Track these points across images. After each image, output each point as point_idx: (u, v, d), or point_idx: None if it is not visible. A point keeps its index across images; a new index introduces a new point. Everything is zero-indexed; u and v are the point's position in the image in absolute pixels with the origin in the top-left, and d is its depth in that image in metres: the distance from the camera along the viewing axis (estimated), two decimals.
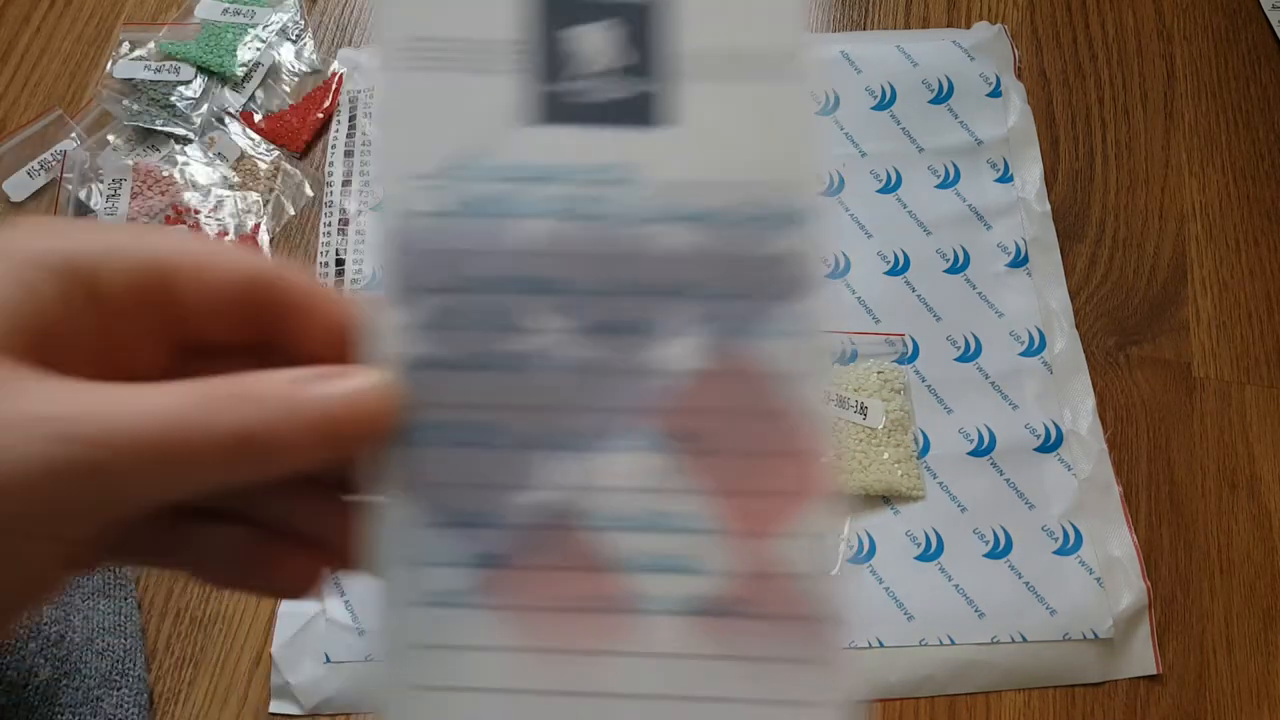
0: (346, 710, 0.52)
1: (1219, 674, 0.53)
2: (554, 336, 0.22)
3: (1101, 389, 0.60)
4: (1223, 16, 0.71)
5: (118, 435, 0.18)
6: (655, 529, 0.22)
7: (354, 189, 0.66)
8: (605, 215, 0.23)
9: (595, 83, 0.23)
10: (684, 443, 0.22)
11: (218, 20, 0.70)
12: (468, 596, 0.22)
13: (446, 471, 0.22)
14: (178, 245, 0.21)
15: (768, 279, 0.23)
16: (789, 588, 0.22)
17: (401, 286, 0.22)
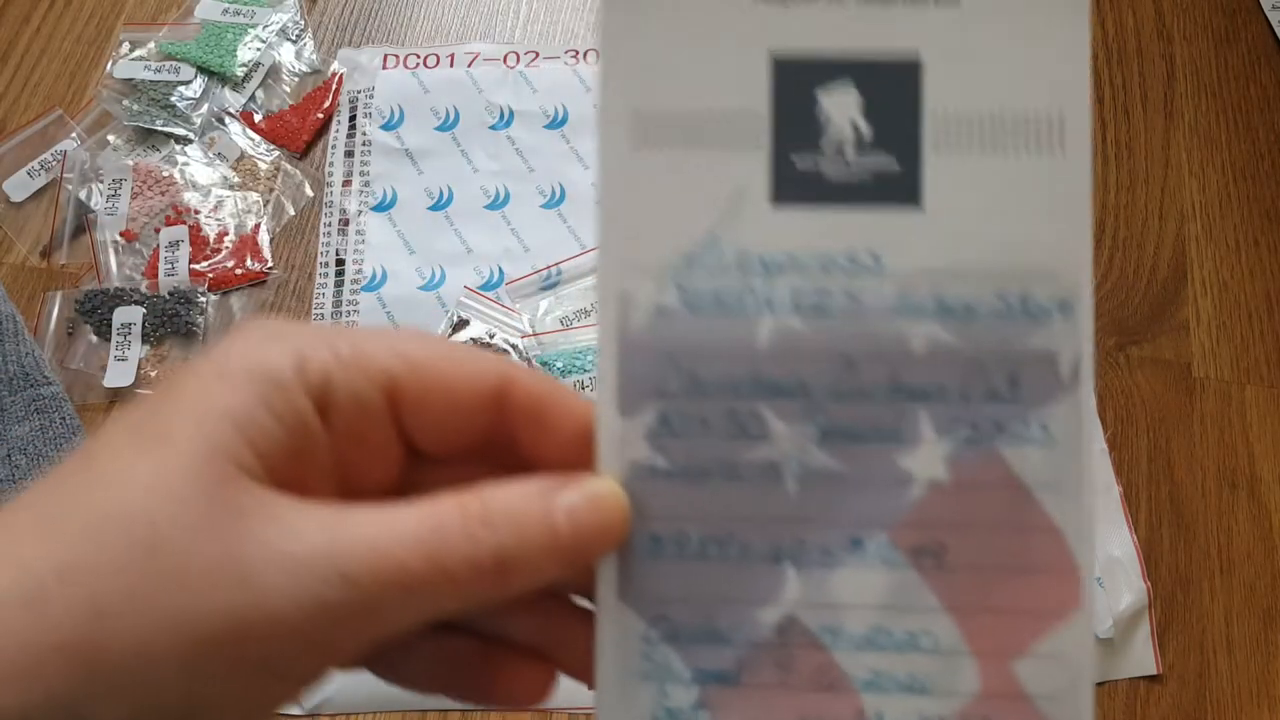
0: (346, 710, 0.52)
1: (1219, 674, 0.53)
2: (789, 444, 0.21)
3: (1101, 389, 0.60)
4: (1223, 16, 0.71)
5: (386, 570, 0.18)
6: (892, 648, 0.21)
7: (354, 189, 0.66)
8: (847, 310, 0.21)
9: (836, 158, 0.21)
10: (927, 557, 0.21)
11: (218, 20, 0.70)
12: (693, 713, 0.21)
13: (673, 585, 0.21)
14: (409, 355, 0.20)
15: (1025, 379, 0.21)
16: (1033, 710, 0.21)
17: (628, 390, 0.21)
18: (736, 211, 0.21)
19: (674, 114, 0.21)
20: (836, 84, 0.21)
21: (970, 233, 0.21)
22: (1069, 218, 0.21)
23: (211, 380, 0.18)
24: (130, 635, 0.17)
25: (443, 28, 0.72)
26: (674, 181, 0.21)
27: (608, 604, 0.21)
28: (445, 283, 0.62)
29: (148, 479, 0.17)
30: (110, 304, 0.61)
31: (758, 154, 0.21)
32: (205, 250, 0.63)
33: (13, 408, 0.56)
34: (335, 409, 0.19)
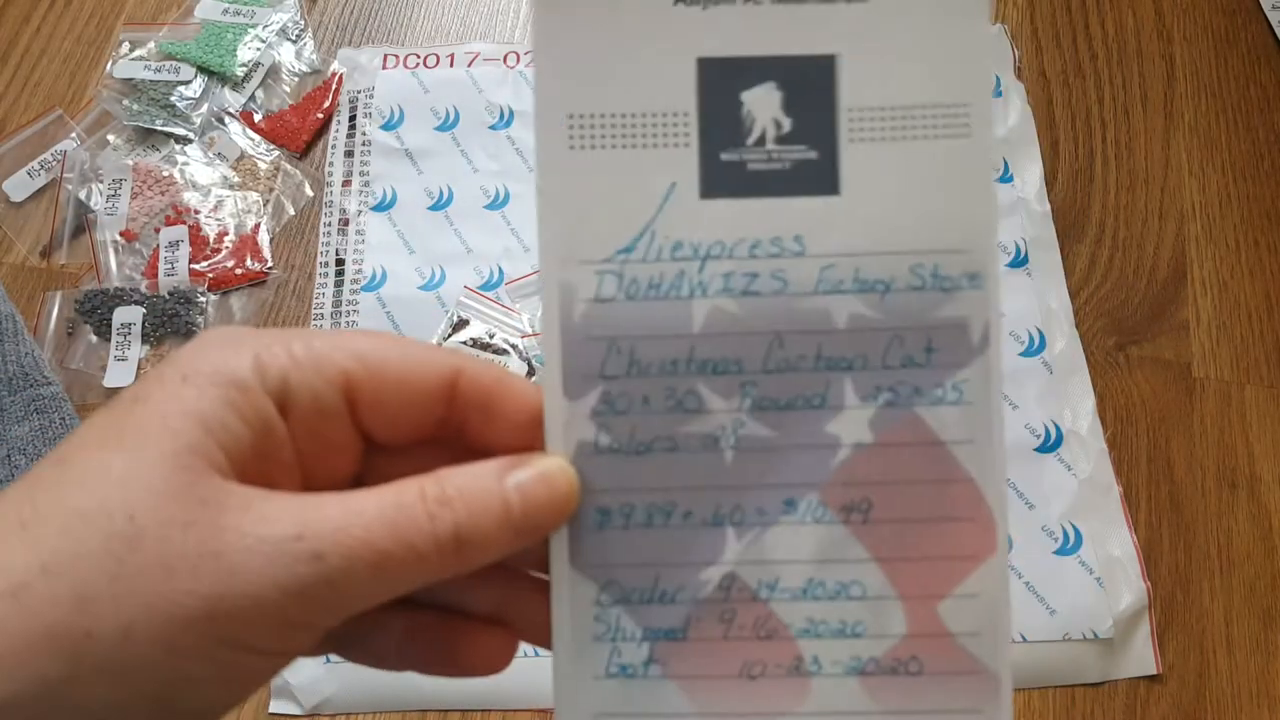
0: (346, 710, 0.52)
1: (1219, 674, 0.53)
2: (724, 416, 0.23)
3: (1101, 389, 0.60)
4: (1223, 16, 0.71)
5: (355, 548, 0.19)
6: (825, 597, 0.23)
7: (354, 189, 0.66)
8: (774, 290, 0.22)
9: (759, 152, 0.22)
10: (855, 513, 0.23)
11: (218, 20, 0.70)
12: (646, 668, 0.23)
13: (621, 552, 0.23)
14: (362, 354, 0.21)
15: (939, 346, 0.23)
16: (956, 646, 0.23)
17: (572, 374, 0.22)
18: (668, 205, 0.22)
19: (606, 115, 0.22)
20: (758, 83, 0.22)
21: (885, 215, 0.22)
22: (975, 197, 0.22)
23: (177, 385, 0.19)
24: (114, 621, 0.18)
25: (443, 28, 0.72)
26: (609, 179, 0.22)
27: (561, 572, 0.23)
28: (445, 282, 0.62)
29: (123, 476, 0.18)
30: (110, 304, 0.61)
31: (687, 151, 0.22)
32: (205, 250, 0.63)
33: (12, 408, 0.56)
34: (295, 408, 0.20)
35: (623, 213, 0.22)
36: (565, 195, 0.23)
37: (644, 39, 0.22)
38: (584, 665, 0.23)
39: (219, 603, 0.18)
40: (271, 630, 0.19)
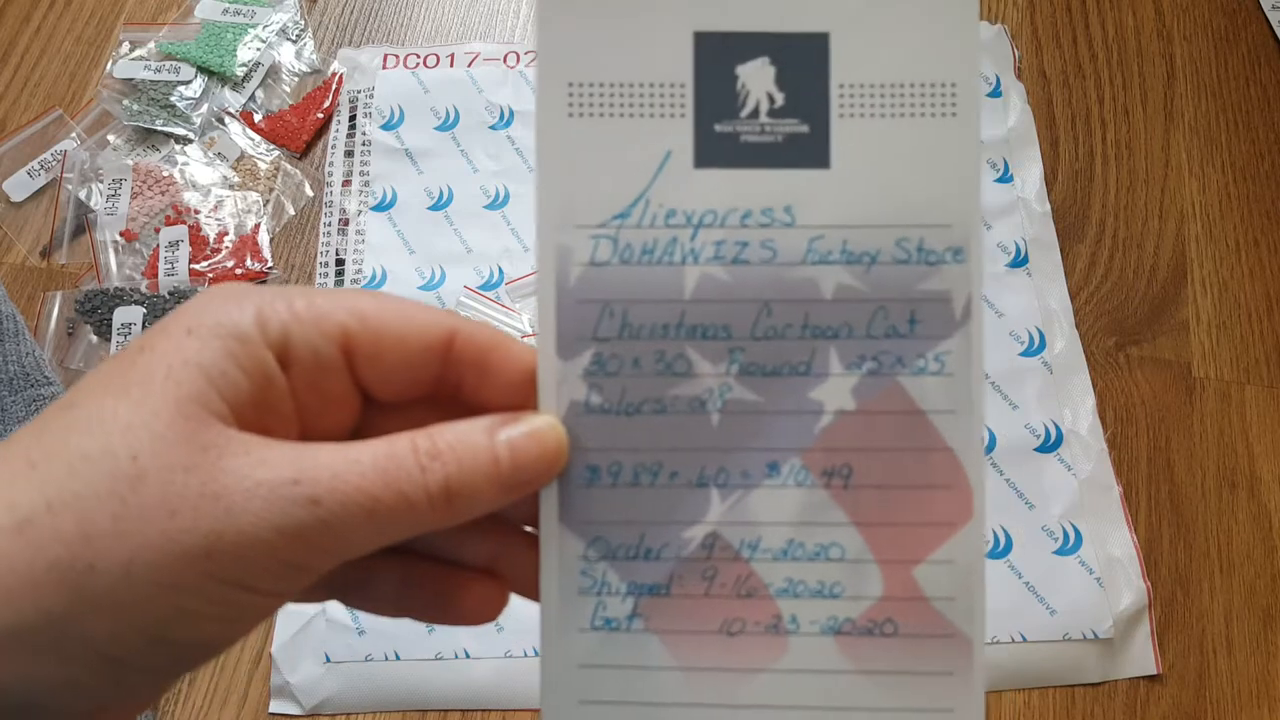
0: (346, 710, 0.52)
1: (1219, 674, 0.53)
2: (712, 379, 0.23)
3: (1101, 389, 0.60)
4: (1223, 16, 0.71)
5: (349, 494, 0.20)
6: (804, 558, 0.23)
7: (354, 189, 0.66)
8: (764, 259, 0.23)
9: (752, 124, 0.23)
10: (836, 478, 0.23)
11: (218, 20, 0.70)
12: (629, 622, 0.24)
13: (608, 509, 0.23)
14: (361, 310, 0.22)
15: (922, 318, 0.23)
16: (931, 610, 0.23)
17: (566, 335, 0.23)
18: (663, 174, 0.23)
19: (604, 85, 0.23)
20: (753, 57, 0.23)
21: (873, 189, 0.23)
22: (960, 174, 0.23)
23: (181, 336, 0.20)
24: (116, 556, 0.18)
25: (443, 28, 0.72)
26: (606, 146, 0.23)
27: (550, 528, 0.23)
28: (445, 282, 0.62)
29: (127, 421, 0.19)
30: (110, 304, 0.61)
31: (682, 122, 0.23)
32: (205, 250, 0.63)
33: (13, 408, 0.56)
34: (295, 361, 0.21)
35: (619, 179, 0.23)
36: (563, 161, 0.23)
37: (643, 11, 0.23)
38: (570, 617, 0.24)
39: (217, 541, 0.19)
40: (268, 570, 0.19)
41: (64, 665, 0.19)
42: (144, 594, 0.19)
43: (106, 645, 0.19)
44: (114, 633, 0.19)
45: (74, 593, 0.18)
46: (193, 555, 0.19)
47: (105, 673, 0.19)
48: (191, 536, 0.19)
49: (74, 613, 0.18)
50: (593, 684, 0.24)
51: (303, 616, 0.54)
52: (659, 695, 0.24)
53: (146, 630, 0.19)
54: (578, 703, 0.24)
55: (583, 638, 0.24)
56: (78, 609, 0.18)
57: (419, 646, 0.53)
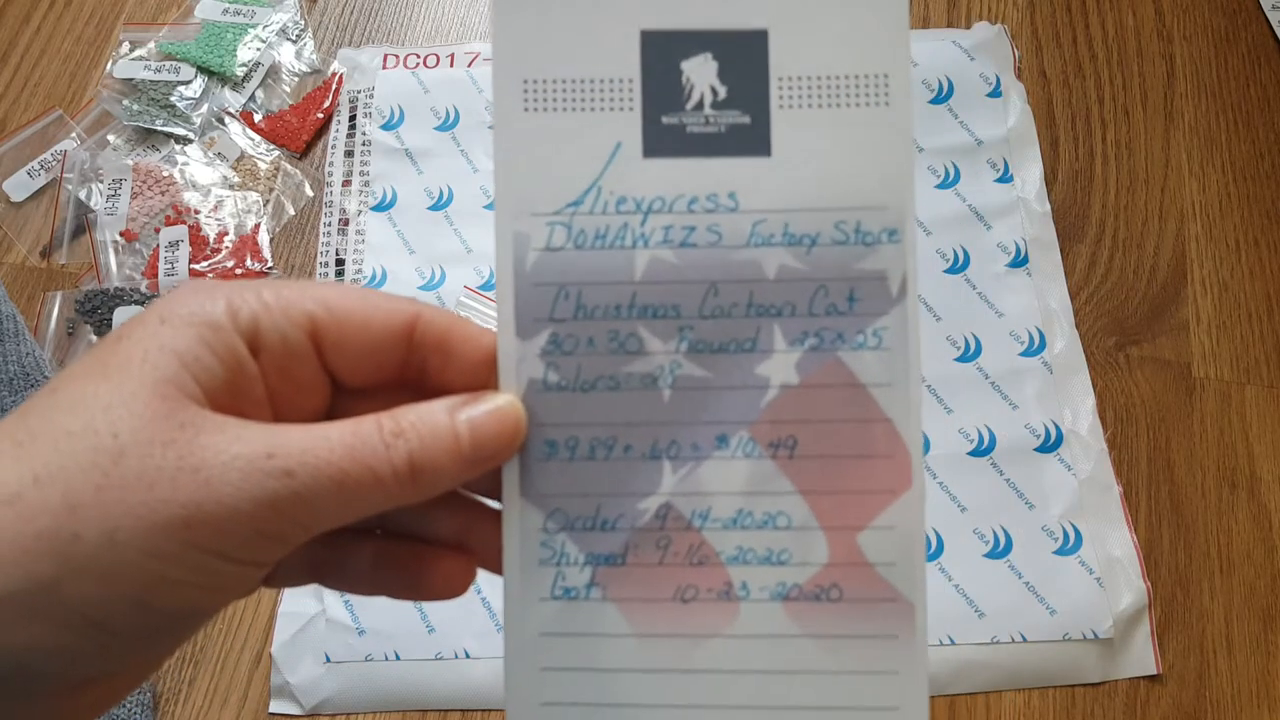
0: (346, 710, 0.52)
1: (1219, 674, 0.53)
2: (663, 357, 0.24)
3: (1101, 389, 0.60)
4: (1223, 16, 0.71)
5: (320, 467, 0.21)
6: (753, 527, 0.24)
7: (354, 189, 0.66)
8: (710, 242, 0.24)
9: (697, 115, 0.24)
10: (781, 449, 0.24)
11: (218, 20, 0.70)
12: (586, 591, 0.25)
13: (566, 482, 0.24)
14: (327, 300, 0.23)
15: (861, 296, 0.24)
16: (875, 575, 0.24)
17: (524, 317, 0.24)
18: (614, 163, 0.24)
19: (557, 81, 0.24)
20: (696, 53, 0.24)
21: (812, 175, 0.24)
22: (895, 159, 0.24)
23: (155, 325, 0.21)
24: (100, 525, 0.19)
25: (443, 28, 0.72)
26: (559, 139, 0.24)
27: (511, 501, 0.24)
28: (445, 282, 0.62)
29: (107, 402, 0.20)
30: (110, 304, 0.61)
31: (631, 115, 0.24)
32: (205, 250, 0.63)
33: (13, 408, 0.56)
34: (264, 347, 0.22)
35: (572, 169, 0.24)
36: (520, 153, 0.24)
37: (593, 11, 0.24)
38: (531, 588, 0.24)
39: (196, 511, 0.20)
40: (244, 539, 0.20)
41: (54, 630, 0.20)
42: (127, 560, 0.19)
43: (93, 610, 0.20)
44: (100, 597, 0.20)
45: (61, 560, 0.19)
46: (172, 525, 0.20)
47: (92, 638, 0.20)
48: (170, 507, 0.20)
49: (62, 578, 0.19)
50: (553, 652, 0.25)
51: (303, 616, 0.54)
52: (616, 662, 0.24)
53: (130, 596, 0.20)
54: (539, 670, 0.24)
55: (543, 607, 0.25)
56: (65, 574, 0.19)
57: (419, 646, 0.53)
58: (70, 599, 0.19)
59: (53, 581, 0.19)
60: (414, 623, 0.53)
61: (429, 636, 0.53)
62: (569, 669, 0.25)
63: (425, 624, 0.53)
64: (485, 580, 0.27)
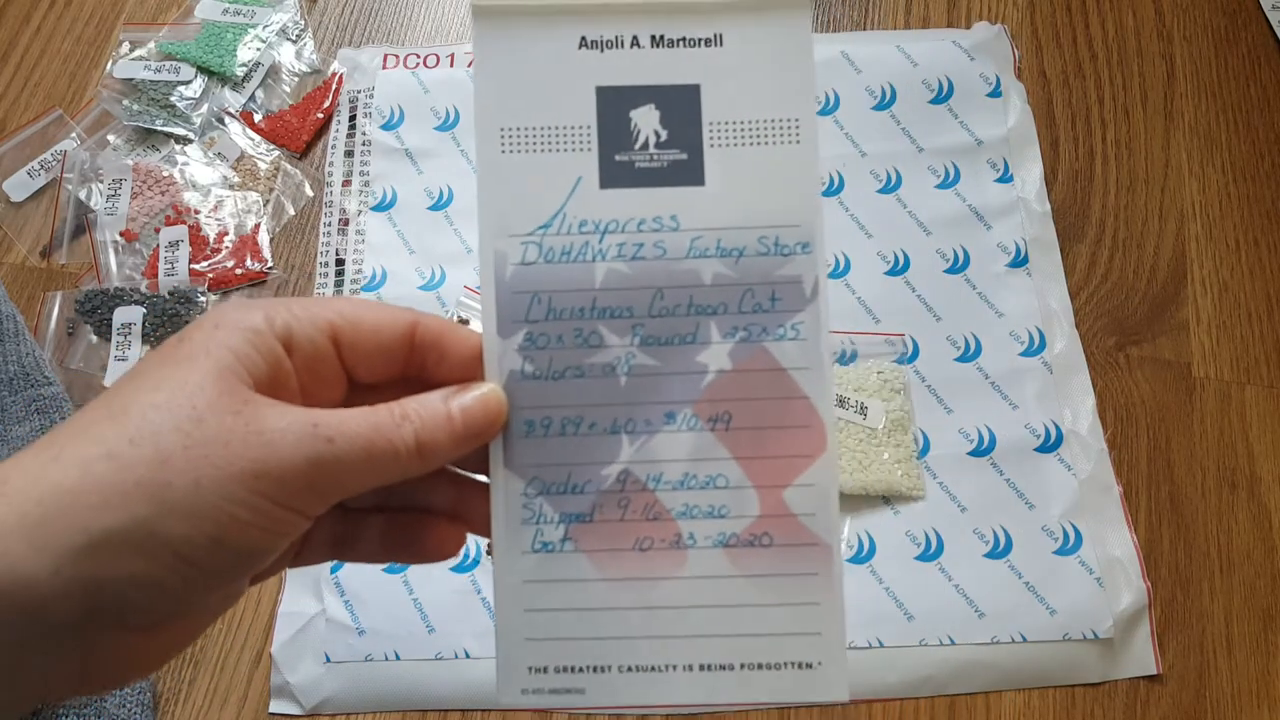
0: (346, 710, 0.52)
1: (1219, 674, 0.53)
2: (619, 350, 0.29)
3: (1101, 389, 0.60)
4: (1223, 16, 0.71)
5: (354, 439, 0.26)
6: (697, 487, 0.30)
7: (354, 189, 0.66)
8: (656, 256, 0.29)
9: (643, 154, 0.29)
10: (719, 423, 0.29)
11: (218, 20, 0.70)
12: (561, 545, 0.29)
13: (541, 454, 0.29)
14: (343, 311, 0.28)
15: (781, 296, 0.29)
16: (798, 524, 0.29)
17: (504, 319, 0.29)
18: (576, 194, 0.29)
19: (529, 128, 0.29)
20: (643, 104, 0.29)
21: (738, 199, 0.29)
22: (804, 187, 0.29)
23: (211, 329, 0.26)
24: (187, 475, 0.24)
25: (443, 28, 0.72)
26: (531, 174, 0.29)
27: (497, 471, 0.29)
28: (445, 282, 0.62)
29: (182, 381, 0.25)
30: (110, 304, 0.61)
31: (589, 154, 0.29)
32: (205, 250, 0.63)
33: (13, 408, 0.56)
34: (296, 349, 0.27)
35: (541, 199, 0.29)
36: (498, 187, 0.29)
37: (557, 72, 0.29)
38: (515, 543, 0.29)
39: (262, 465, 0.24)
40: (298, 490, 0.25)
41: (149, 564, 0.24)
42: (209, 504, 0.24)
43: (181, 546, 0.24)
44: (186, 535, 0.24)
45: (157, 503, 0.23)
46: (245, 476, 0.24)
47: (179, 571, 0.24)
48: (242, 462, 0.24)
49: (156, 517, 0.23)
50: (536, 595, 0.29)
51: (303, 616, 0.54)
52: (588, 602, 0.29)
53: (210, 534, 0.24)
54: (524, 611, 0.29)
55: (526, 559, 0.29)
56: (159, 514, 0.23)
57: (419, 646, 0.53)
58: (164, 536, 0.24)
59: (150, 519, 0.23)
60: (414, 623, 0.53)
61: (429, 636, 0.53)
62: (549, 609, 0.29)
63: (425, 624, 0.53)
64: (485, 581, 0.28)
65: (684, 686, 0.29)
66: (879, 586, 0.54)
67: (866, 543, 0.56)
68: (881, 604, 0.54)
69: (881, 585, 0.55)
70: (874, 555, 0.55)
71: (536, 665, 0.29)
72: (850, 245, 0.63)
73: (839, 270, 0.62)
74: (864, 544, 0.56)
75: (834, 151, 0.65)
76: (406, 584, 0.55)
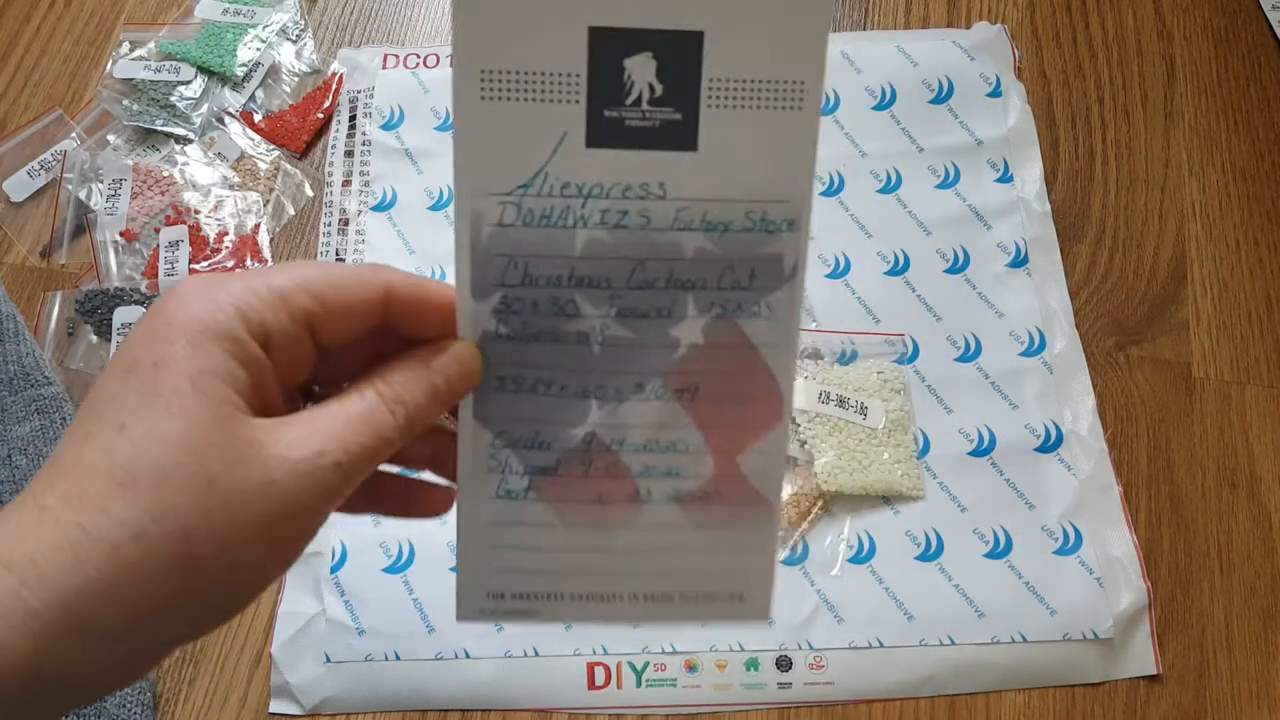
0: (346, 710, 0.52)
1: (1219, 674, 0.53)
2: (594, 319, 0.28)
3: (1101, 389, 0.60)
4: (1223, 16, 0.71)
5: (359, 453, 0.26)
6: (658, 450, 0.30)
7: (354, 189, 0.66)
8: (639, 225, 0.28)
9: (635, 110, 0.27)
10: (686, 394, 0.29)
11: (218, 20, 0.70)
12: (526, 493, 0.30)
13: (512, 410, 0.29)
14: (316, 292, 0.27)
15: (760, 274, 0.28)
16: (747, 485, 0.30)
17: (479, 281, 0.28)
18: (560, 152, 0.27)
19: (513, 72, 0.26)
20: (639, 51, 0.26)
21: (730, 170, 0.27)
22: (800, 159, 0.27)
23: (185, 348, 0.25)
24: (212, 544, 0.24)
25: (443, 28, 0.72)
26: (513, 126, 0.27)
27: (466, 422, 0.29)
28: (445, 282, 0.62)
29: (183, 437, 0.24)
30: (110, 304, 0.61)
31: (577, 107, 0.27)
32: (205, 250, 0.63)
33: (13, 408, 0.56)
34: (274, 346, 0.26)
35: (523, 155, 0.27)
36: (477, 137, 0.27)
37: (547, 6, 0.26)
38: (481, 488, 0.30)
39: (280, 516, 0.25)
40: (312, 522, 0.26)
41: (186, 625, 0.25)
42: (238, 564, 0.25)
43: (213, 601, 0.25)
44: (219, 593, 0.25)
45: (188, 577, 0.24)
46: (267, 529, 0.24)
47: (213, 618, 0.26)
48: (263, 518, 0.24)
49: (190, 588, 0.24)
50: (497, 534, 0.30)
51: (303, 616, 0.54)
52: (549, 543, 0.30)
53: (242, 586, 0.25)
54: (490, 548, 0.30)
55: (491, 503, 0.30)
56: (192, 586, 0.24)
57: (419, 646, 0.53)
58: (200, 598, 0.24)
59: (183, 589, 0.24)
60: (414, 623, 0.53)
61: (429, 636, 0.53)
62: (509, 547, 0.30)
63: (425, 624, 0.53)
64: None
65: (627, 609, 0.31)
66: (879, 586, 0.54)
67: (866, 543, 0.56)
68: (881, 604, 0.54)
69: (881, 585, 0.55)
70: (874, 555, 0.55)
71: (494, 591, 0.31)
72: (850, 245, 0.63)
73: (839, 270, 0.62)
74: (864, 544, 0.56)
75: (834, 151, 0.65)
76: (406, 584, 0.55)
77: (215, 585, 0.25)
